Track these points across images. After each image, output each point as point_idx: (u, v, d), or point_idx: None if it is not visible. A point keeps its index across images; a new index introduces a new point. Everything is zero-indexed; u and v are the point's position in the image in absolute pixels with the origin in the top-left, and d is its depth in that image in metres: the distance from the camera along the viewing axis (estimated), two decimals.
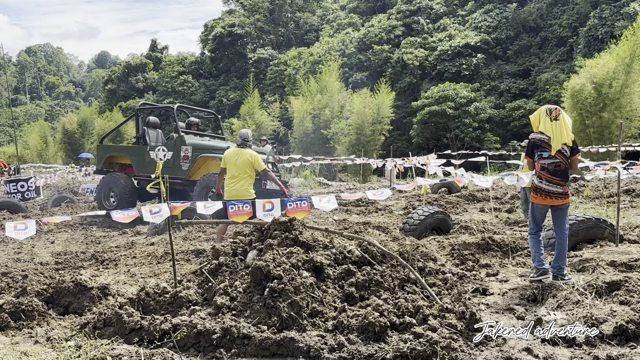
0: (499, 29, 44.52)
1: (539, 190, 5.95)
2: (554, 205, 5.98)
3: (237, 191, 8.71)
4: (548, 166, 5.86)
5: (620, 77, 24.25)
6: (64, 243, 10.39)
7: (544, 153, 5.89)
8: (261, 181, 12.19)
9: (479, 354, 4.37)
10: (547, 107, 5.95)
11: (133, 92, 63.49)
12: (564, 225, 6.05)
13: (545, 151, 5.87)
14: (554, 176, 5.86)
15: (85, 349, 4.45)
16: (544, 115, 5.91)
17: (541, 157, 5.91)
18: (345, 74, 42.29)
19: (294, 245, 5.62)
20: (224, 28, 58.77)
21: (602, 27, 35.08)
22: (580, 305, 5.18)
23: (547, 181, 5.89)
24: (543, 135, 5.89)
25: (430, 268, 6.36)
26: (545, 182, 5.90)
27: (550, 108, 5.92)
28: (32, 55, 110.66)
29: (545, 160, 5.88)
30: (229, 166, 8.93)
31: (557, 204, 5.95)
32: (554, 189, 5.87)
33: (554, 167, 5.85)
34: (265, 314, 4.82)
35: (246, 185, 8.85)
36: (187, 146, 12.85)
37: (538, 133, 5.96)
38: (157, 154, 13.10)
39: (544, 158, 5.88)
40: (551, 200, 5.91)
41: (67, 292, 5.77)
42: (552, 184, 5.87)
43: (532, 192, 6.05)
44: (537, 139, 5.94)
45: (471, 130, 37.35)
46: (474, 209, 13.78)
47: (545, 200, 5.93)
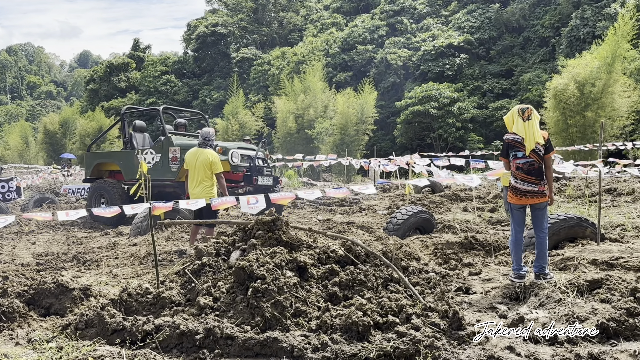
0: (482, 29, 44.83)
1: (515, 190, 6.00)
2: (532, 204, 6.03)
3: (198, 194, 8.32)
4: (522, 165, 5.92)
5: (602, 76, 24.51)
6: (45, 244, 10.28)
7: (518, 153, 5.94)
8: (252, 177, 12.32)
9: (462, 352, 4.39)
10: (519, 107, 6.01)
11: (115, 92, 63.03)
12: (543, 225, 6.11)
13: (519, 151, 5.92)
14: (529, 175, 5.90)
15: (67, 351, 4.40)
16: (516, 115, 5.97)
17: (516, 157, 5.96)
18: (329, 74, 42.35)
19: (278, 245, 5.60)
20: (207, 27, 58.57)
21: (584, 28, 35.45)
22: (562, 304, 5.22)
23: (522, 180, 5.93)
24: (517, 136, 5.95)
25: (413, 267, 6.38)
26: (520, 181, 5.95)
27: (522, 108, 5.98)
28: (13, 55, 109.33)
29: (519, 160, 5.93)
30: (190, 167, 8.58)
31: (534, 203, 6.00)
32: (530, 188, 5.92)
33: (528, 167, 5.90)
34: (249, 314, 4.80)
35: (208, 186, 8.50)
36: (175, 147, 12.73)
37: (512, 133, 6.02)
38: (146, 157, 12.95)
39: (519, 158, 5.94)
40: (527, 200, 5.97)
41: (48, 294, 5.70)
42: (527, 183, 5.92)
43: (509, 192, 6.11)
44: (511, 139, 6.00)
45: (454, 130, 37.56)
46: (457, 209, 13.86)
47: (521, 199, 5.98)
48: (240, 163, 12.39)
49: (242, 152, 12.55)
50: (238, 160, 12.36)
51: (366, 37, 47.56)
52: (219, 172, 8.58)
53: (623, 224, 9.91)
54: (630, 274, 6.16)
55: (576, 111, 24.68)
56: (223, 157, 11.71)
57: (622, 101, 24.78)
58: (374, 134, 36.15)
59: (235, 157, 12.25)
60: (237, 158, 12.30)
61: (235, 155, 12.28)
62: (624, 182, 16.38)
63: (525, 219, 6.28)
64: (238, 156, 12.35)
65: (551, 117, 25.78)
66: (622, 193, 14.48)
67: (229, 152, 12.23)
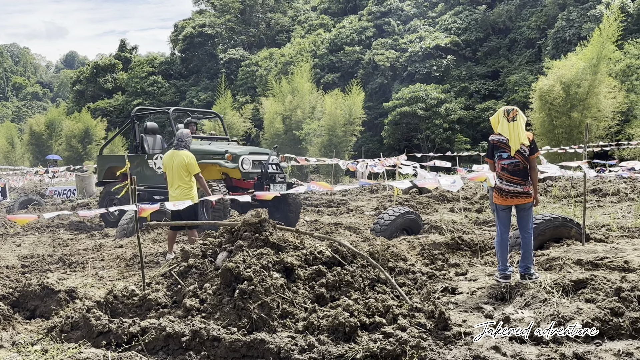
0: (469, 30, 45.03)
1: (500, 191, 6.03)
2: (517, 205, 6.05)
3: (177, 197, 8.18)
4: (507, 166, 5.94)
5: (587, 77, 24.69)
6: (31, 246, 10.21)
7: (503, 154, 5.97)
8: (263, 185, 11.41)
9: (448, 352, 4.40)
10: (505, 109, 6.03)
11: (102, 93, 62.65)
12: (528, 225, 6.14)
13: (504, 152, 5.95)
14: (514, 176, 5.93)
15: (52, 353, 4.37)
16: (502, 116, 6.00)
17: (501, 158, 5.99)
18: (316, 75, 42.32)
19: (265, 246, 5.60)
20: (195, 28, 58.36)
21: (570, 29, 35.69)
22: (548, 304, 5.25)
23: (507, 181, 5.96)
24: (501, 137, 5.98)
25: (400, 268, 6.40)
26: (505, 182, 5.97)
27: (507, 109, 6.00)
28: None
29: (504, 160, 5.96)
30: (167, 170, 8.43)
31: (519, 204, 6.03)
32: (515, 189, 5.95)
33: (513, 167, 5.93)
34: (235, 316, 4.80)
35: (185, 189, 8.33)
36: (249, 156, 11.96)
37: (497, 134, 6.05)
38: (156, 162, 12.21)
39: (504, 159, 5.96)
40: (512, 200, 5.99)
41: (33, 296, 5.67)
42: (512, 183, 5.94)
43: (494, 193, 6.14)
44: (497, 140, 6.03)
45: (442, 131, 37.70)
46: (444, 209, 13.92)
47: (507, 200, 6.01)
48: (252, 170, 11.64)
49: (254, 158, 11.79)
50: (249, 166, 11.64)
51: (354, 39, 47.62)
52: (197, 173, 8.43)
53: (608, 224, 10.01)
54: (615, 274, 6.22)
55: (562, 112, 24.84)
56: (233, 164, 11.26)
57: (607, 102, 24.97)
58: (362, 135, 36.18)
59: (246, 164, 11.55)
60: (248, 164, 11.59)
61: (246, 162, 11.57)
62: (609, 183, 16.54)
63: (511, 219, 6.32)
64: (249, 162, 11.63)
65: (537, 118, 25.94)
66: (607, 193, 14.62)
67: (240, 158, 11.50)
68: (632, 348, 4.34)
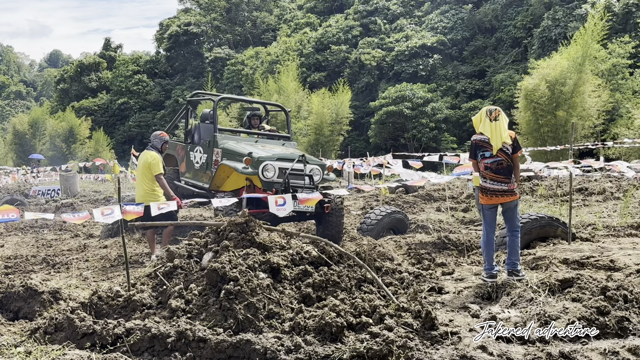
0: (455, 29, 45.25)
1: (485, 190, 6.03)
2: (502, 203, 6.06)
3: (141, 197, 8.13)
4: (491, 165, 5.95)
5: (572, 76, 24.88)
6: (14, 246, 10.08)
7: (486, 153, 5.97)
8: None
9: (435, 352, 4.40)
10: (488, 109, 6.03)
11: (86, 92, 62.29)
12: (515, 223, 6.16)
13: (487, 151, 5.95)
14: (498, 174, 5.94)
15: (36, 355, 4.32)
16: (484, 116, 6.00)
17: (484, 157, 5.99)
18: (303, 74, 42.32)
19: (251, 246, 5.57)
20: (180, 27, 58.21)
21: (556, 29, 35.93)
22: (534, 303, 5.27)
23: (491, 180, 5.97)
24: (483, 136, 5.99)
25: (387, 268, 6.39)
26: (489, 181, 5.98)
27: (490, 109, 6.00)
28: None
29: (487, 159, 5.96)
30: (137, 170, 8.43)
31: (504, 202, 6.04)
32: (499, 187, 5.96)
33: (496, 166, 5.93)
34: (221, 317, 4.76)
35: (148, 190, 8.23)
36: (218, 149, 9.92)
37: (479, 134, 6.06)
38: (196, 155, 10.63)
39: (487, 157, 5.97)
40: (497, 199, 6.01)
41: (16, 297, 5.60)
42: (496, 182, 5.95)
43: (480, 193, 6.14)
44: (479, 140, 6.04)
45: (428, 130, 37.83)
46: (431, 209, 13.95)
47: (492, 199, 6.02)
48: (277, 179, 9.07)
49: (281, 165, 9.17)
50: (273, 174, 9.05)
51: (340, 38, 47.67)
52: (158, 174, 8.25)
53: (594, 223, 10.07)
54: (601, 273, 6.25)
55: (547, 111, 25.03)
56: (252, 169, 8.97)
57: (592, 101, 25.18)
58: (349, 134, 36.22)
59: (268, 171, 9.03)
60: (271, 172, 9.04)
61: (269, 169, 9.03)
62: (595, 182, 16.65)
63: (497, 218, 6.33)
64: (273, 170, 9.05)
65: (522, 117, 26.12)
66: (593, 192, 14.72)
67: (261, 164, 9.02)
68: (618, 347, 4.35)
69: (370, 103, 40.87)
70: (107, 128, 52.76)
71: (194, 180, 10.48)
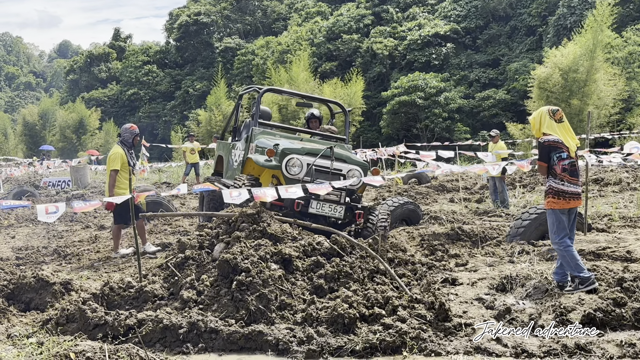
0: (469, 18, 44.77)
1: (562, 194, 5.55)
2: (573, 207, 5.66)
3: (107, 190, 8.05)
4: (568, 167, 5.55)
5: (584, 64, 24.62)
6: (25, 238, 10.13)
7: (562, 154, 5.55)
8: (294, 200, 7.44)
9: (449, 344, 4.36)
10: (549, 109, 5.68)
11: (96, 83, 62.47)
12: (574, 229, 5.79)
13: (563, 152, 5.54)
14: (573, 176, 5.58)
15: (48, 346, 4.32)
16: (546, 117, 5.64)
17: (561, 159, 5.55)
18: (314, 64, 42.09)
19: (262, 237, 5.54)
20: (190, 16, 58.08)
21: (571, 16, 35.42)
22: (549, 295, 5.20)
23: (568, 182, 5.56)
24: (553, 136, 5.58)
25: (399, 259, 6.35)
26: (567, 183, 5.55)
27: (552, 109, 5.66)
28: None
29: (565, 161, 5.54)
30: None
31: (576, 206, 5.66)
32: (576, 190, 5.60)
33: (571, 167, 5.57)
34: (233, 308, 4.75)
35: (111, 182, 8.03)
36: (254, 144, 8.59)
37: (549, 135, 5.61)
38: (235, 153, 9.48)
39: (564, 159, 5.55)
40: (573, 202, 5.59)
41: (28, 288, 5.61)
42: (572, 184, 5.57)
43: (552, 197, 5.59)
44: (552, 141, 5.57)
45: (441, 120, 37.52)
46: (444, 200, 13.87)
47: (569, 202, 5.56)
48: (304, 177, 7.69)
49: (309, 161, 7.75)
50: (300, 171, 7.68)
51: (351, 26, 47.33)
52: (111, 169, 8.05)
53: (610, 214, 9.96)
54: (617, 264, 6.18)
55: (561, 99, 24.76)
56: (275, 163, 7.69)
57: (607, 90, 24.91)
58: (360, 124, 36.05)
59: (294, 166, 7.70)
60: (297, 168, 7.70)
61: (295, 164, 7.70)
62: (611, 172, 16.48)
63: None
64: (301, 165, 7.70)
65: (537, 107, 25.87)
66: (609, 183, 14.58)
67: (286, 157, 7.70)
68: (634, 339, 4.30)
69: (382, 93, 40.59)
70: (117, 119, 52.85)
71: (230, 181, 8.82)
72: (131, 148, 8.36)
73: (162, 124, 54.77)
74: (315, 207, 7.57)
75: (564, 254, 5.44)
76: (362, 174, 7.93)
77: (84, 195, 16.61)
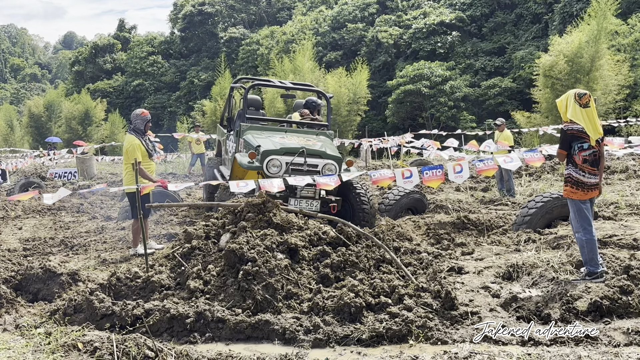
0: (474, 6, 44.48)
1: (581, 185, 5.43)
2: (593, 197, 5.55)
3: (127, 182, 7.61)
4: (589, 157, 5.40)
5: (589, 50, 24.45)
6: (32, 229, 10.16)
7: (584, 144, 5.39)
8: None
9: (455, 332, 4.36)
10: (577, 92, 5.42)
11: (101, 74, 62.45)
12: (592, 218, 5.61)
13: (585, 142, 5.38)
14: (593, 167, 5.43)
15: (56, 336, 4.34)
16: (572, 101, 5.41)
17: (582, 149, 5.39)
18: (318, 53, 41.96)
19: (268, 227, 5.55)
20: (194, 6, 57.94)
21: (577, 3, 35.15)
22: (555, 283, 5.19)
23: (589, 173, 5.42)
24: (577, 125, 5.39)
25: (405, 248, 6.35)
26: (587, 174, 5.41)
27: (579, 93, 5.40)
28: None
29: (586, 151, 5.39)
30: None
31: (596, 195, 5.56)
32: (595, 181, 5.47)
33: (592, 158, 5.41)
34: (240, 297, 4.76)
35: (129, 174, 7.60)
36: (242, 139, 9.00)
37: (571, 123, 5.44)
38: (228, 144, 9.81)
39: (585, 150, 5.39)
40: (592, 192, 5.47)
41: (36, 279, 5.64)
42: (593, 175, 5.44)
43: (571, 187, 5.48)
44: (575, 130, 5.39)
45: (447, 109, 37.41)
46: (450, 188, 13.83)
47: (588, 193, 5.44)
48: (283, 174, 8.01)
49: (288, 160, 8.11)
50: (279, 170, 8.09)
51: (356, 15, 47.13)
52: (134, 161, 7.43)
53: (616, 201, 9.92)
54: (624, 251, 6.16)
55: (567, 86, 24.58)
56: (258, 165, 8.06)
57: (611, 76, 24.74)
58: (366, 114, 35.95)
59: (274, 166, 8.08)
60: (277, 167, 8.09)
61: (275, 164, 8.08)
62: (618, 160, 16.39)
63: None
64: (280, 165, 8.09)
65: (542, 95, 25.76)
66: (616, 171, 14.51)
67: (267, 158, 8.08)
68: None
69: (387, 82, 40.47)
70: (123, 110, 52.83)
71: (227, 171, 9.56)
72: (144, 135, 7.96)
73: (167, 115, 54.76)
74: (293, 204, 7.94)
75: (583, 244, 5.35)
76: (337, 168, 8.33)
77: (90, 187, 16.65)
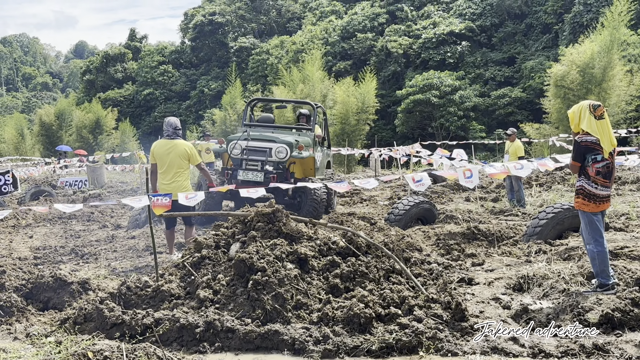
0: (484, 16, 44.50)
1: (593, 197, 5.35)
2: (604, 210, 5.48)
3: (173, 189, 7.45)
4: (602, 169, 5.32)
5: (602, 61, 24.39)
6: (43, 237, 10.21)
7: (597, 156, 5.30)
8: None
9: (465, 343, 4.34)
10: (591, 103, 5.35)
11: (112, 83, 62.83)
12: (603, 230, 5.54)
13: (598, 154, 5.29)
14: (606, 179, 5.35)
15: (66, 345, 4.36)
16: (586, 112, 5.32)
17: (595, 161, 5.31)
18: (328, 63, 42.10)
19: (278, 236, 5.54)
20: (205, 16, 58.29)
21: (587, 14, 35.11)
22: (567, 294, 5.16)
23: (602, 186, 5.34)
24: (591, 137, 5.30)
25: (415, 258, 6.33)
26: (600, 187, 5.33)
27: (594, 104, 5.33)
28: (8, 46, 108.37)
29: (599, 164, 5.31)
30: (160, 161, 7.68)
31: (607, 207, 5.48)
32: (607, 193, 5.39)
33: (605, 170, 5.33)
34: (249, 307, 4.76)
35: (183, 180, 7.66)
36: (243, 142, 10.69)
37: (584, 134, 5.35)
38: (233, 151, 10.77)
39: (598, 162, 5.31)
40: (604, 205, 5.40)
41: (46, 288, 5.66)
42: (605, 188, 5.36)
43: (583, 199, 5.40)
44: (589, 142, 5.29)
45: (456, 119, 37.38)
46: (460, 199, 13.80)
47: (600, 206, 5.37)
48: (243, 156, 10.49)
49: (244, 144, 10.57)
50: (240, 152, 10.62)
51: (366, 25, 47.24)
52: (199, 163, 7.85)
53: (628, 212, 9.85)
54: (635, 263, 6.11)
55: (579, 96, 24.54)
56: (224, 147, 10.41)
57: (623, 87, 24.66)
58: (375, 123, 35.96)
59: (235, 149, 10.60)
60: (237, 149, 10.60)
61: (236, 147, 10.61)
62: (629, 171, 16.30)
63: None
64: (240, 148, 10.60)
65: (552, 105, 25.69)
66: (627, 182, 14.43)
67: (230, 143, 10.64)
68: None
69: (396, 92, 40.51)
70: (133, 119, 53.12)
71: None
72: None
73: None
74: (242, 175, 10.34)
75: (594, 255, 5.28)
76: (287, 150, 10.40)
77: (101, 195, 16.72)
